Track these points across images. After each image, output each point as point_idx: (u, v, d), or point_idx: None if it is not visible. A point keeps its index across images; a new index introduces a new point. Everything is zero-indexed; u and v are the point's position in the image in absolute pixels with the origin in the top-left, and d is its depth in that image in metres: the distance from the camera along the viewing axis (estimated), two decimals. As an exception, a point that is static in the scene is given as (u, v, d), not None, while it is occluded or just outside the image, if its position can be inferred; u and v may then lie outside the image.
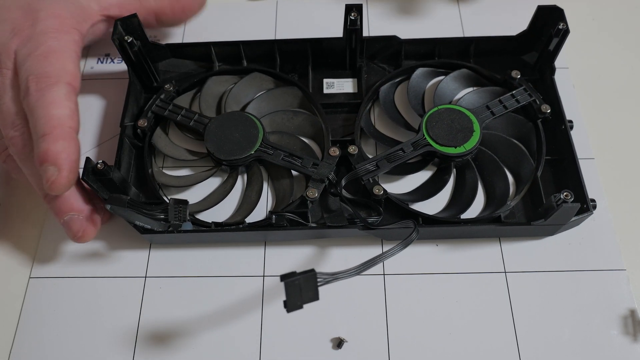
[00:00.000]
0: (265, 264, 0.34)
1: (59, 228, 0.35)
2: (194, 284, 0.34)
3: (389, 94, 0.38)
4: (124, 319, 0.33)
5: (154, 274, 0.34)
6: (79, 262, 0.34)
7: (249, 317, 0.32)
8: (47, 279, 0.34)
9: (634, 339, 0.31)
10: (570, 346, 0.31)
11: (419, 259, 0.34)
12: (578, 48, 0.41)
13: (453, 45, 0.38)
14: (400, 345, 0.31)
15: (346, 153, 0.34)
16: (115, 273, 0.34)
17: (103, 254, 0.35)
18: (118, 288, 0.34)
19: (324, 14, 0.44)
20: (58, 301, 0.33)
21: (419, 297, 0.33)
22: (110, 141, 0.39)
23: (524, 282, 0.33)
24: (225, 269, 0.34)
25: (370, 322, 0.32)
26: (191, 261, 0.34)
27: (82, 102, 0.40)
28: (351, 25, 0.35)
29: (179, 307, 0.33)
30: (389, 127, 0.38)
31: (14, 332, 0.33)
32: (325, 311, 0.32)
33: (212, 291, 0.33)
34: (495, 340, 0.31)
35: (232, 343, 0.32)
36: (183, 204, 0.30)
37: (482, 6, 0.44)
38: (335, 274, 0.27)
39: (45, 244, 0.35)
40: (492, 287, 0.33)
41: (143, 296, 0.33)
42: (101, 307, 0.33)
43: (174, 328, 0.32)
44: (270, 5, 0.45)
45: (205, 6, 0.41)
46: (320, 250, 0.34)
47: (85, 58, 0.43)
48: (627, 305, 0.32)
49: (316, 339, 0.32)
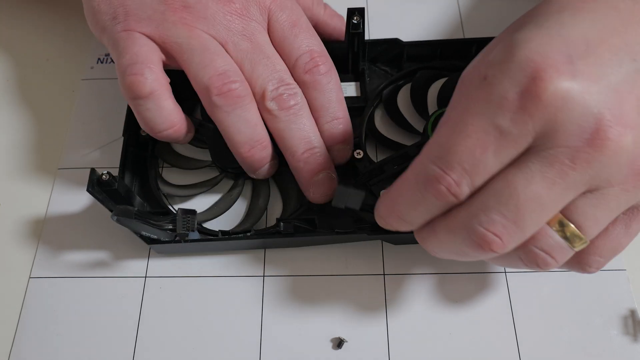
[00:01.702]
0: (265, 264, 0.34)
1: (59, 228, 0.35)
2: (194, 283, 0.33)
3: (392, 97, 0.39)
4: (124, 319, 0.32)
5: (154, 274, 0.34)
6: (79, 262, 0.34)
7: (249, 317, 0.32)
8: (47, 279, 0.34)
9: (634, 339, 0.31)
10: (570, 346, 0.31)
11: (419, 259, 0.34)
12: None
13: (455, 47, 0.39)
14: (400, 345, 0.31)
15: (352, 157, 0.35)
16: (116, 273, 0.34)
17: (104, 256, 0.35)
18: (118, 288, 0.33)
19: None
20: (58, 301, 0.33)
21: (419, 297, 0.33)
22: (112, 143, 0.39)
23: (524, 282, 0.33)
24: (225, 269, 0.34)
25: (370, 322, 0.32)
26: (191, 262, 0.34)
27: (81, 102, 0.40)
28: (353, 29, 0.35)
29: (179, 307, 0.33)
30: (393, 130, 0.38)
31: (14, 332, 0.32)
32: (325, 311, 0.32)
33: (212, 291, 0.33)
34: (495, 340, 0.31)
35: (232, 343, 0.32)
36: (191, 214, 0.30)
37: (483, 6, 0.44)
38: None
39: (45, 244, 0.35)
40: (492, 287, 0.33)
41: (143, 296, 0.33)
42: (101, 307, 0.33)
43: (173, 328, 0.32)
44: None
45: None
46: (320, 250, 0.34)
47: (84, 58, 0.43)
48: (627, 305, 0.32)
49: (316, 339, 0.32)
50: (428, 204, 0.24)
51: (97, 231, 0.35)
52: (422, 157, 0.24)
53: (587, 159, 0.21)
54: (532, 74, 0.21)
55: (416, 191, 0.24)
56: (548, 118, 0.21)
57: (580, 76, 0.21)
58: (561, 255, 0.24)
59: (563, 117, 0.21)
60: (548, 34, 0.22)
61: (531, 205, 0.22)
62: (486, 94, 0.22)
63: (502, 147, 0.22)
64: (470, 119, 0.22)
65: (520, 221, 0.22)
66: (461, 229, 0.24)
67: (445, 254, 0.26)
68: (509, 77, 0.22)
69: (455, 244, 0.25)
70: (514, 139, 0.22)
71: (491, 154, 0.22)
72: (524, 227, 0.23)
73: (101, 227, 0.35)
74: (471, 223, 0.23)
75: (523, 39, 0.22)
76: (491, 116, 0.22)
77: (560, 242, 0.23)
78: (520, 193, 0.22)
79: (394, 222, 0.27)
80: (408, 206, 0.25)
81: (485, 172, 0.23)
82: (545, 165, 0.22)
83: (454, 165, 0.23)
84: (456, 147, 0.23)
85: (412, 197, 0.25)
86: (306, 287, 0.33)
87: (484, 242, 0.23)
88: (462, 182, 0.23)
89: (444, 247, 0.26)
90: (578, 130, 0.21)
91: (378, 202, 0.28)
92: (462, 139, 0.22)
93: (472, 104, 0.23)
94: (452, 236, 0.24)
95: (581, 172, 0.22)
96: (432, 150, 0.24)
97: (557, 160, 0.21)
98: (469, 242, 0.24)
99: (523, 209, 0.22)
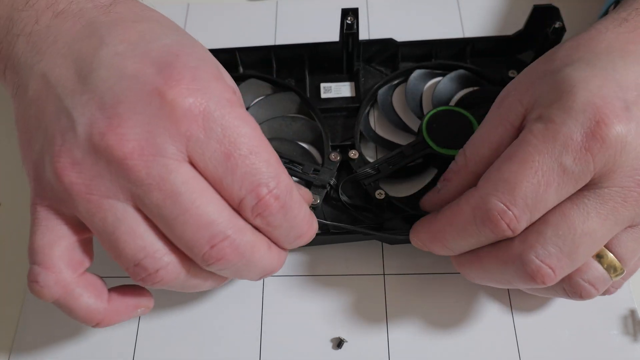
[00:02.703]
0: (265, 265, 0.34)
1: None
2: (194, 285, 0.34)
3: (387, 97, 0.39)
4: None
5: (155, 276, 0.34)
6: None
7: (249, 317, 0.33)
8: (49, 280, 0.34)
9: (634, 339, 0.31)
10: (570, 346, 0.31)
11: (419, 259, 0.34)
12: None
13: (450, 47, 0.39)
14: (400, 345, 0.31)
15: (347, 158, 0.35)
16: (116, 272, 0.34)
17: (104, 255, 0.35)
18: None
19: (325, 14, 0.44)
20: (59, 302, 0.34)
21: (419, 297, 0.33)
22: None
23: (523, 282, 0.33)
24: (225, 271, 0.34)
25: (370, 322, 0.32)
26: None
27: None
28: (347, 29, 0.35)
29: (179, 307, 0.33)
30: (388, 130, 0.38)
31: (14, 332, 0.33)
32: (325, 311, 0.33)
33: (212, 291, 0.33)
34: (495, 340, 0.31)
35: (232, 343, 0.32)
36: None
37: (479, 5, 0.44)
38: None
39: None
40: (492, 287, 0.33)
41: (143, 297, 0.33)
42: (102, 308, 0.33)
43: (173, 328, 0.33)
44: (270, 5, 0.45)
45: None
46: (320, 250, 0.34)
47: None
48: (627, 305, 0.32)
49: (316, 339, 0.32)
50: (481, 237, 0.25)
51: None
52: (482, 191, 0.25)
53: (636, 198, 0.23)
54: (596, 117, 0.23)
55: (471, 224, 0.25)
56: (608, 160, 0.23)
57: (634, 121, 0.23)
58: (603, 285, 0.25)
59: (621, 160, 0.23)
60: (603, 77, 0.24)
61: (586, 240, 0.23)
62: (552, 134, 0.23)
63: (563, 185, 0.23)
64: (536, 156, 0.23)
65: (574, 254, 0.24)
66: (514, 261, 0.24)
67: (485, 281, 0.27)
68: (574, 119, 0.23)
69: (504, 274, 0.25)
70: (576, 178, 0.23)
71: (553, 190, 0.23)
72: (575, 260, 0.24)
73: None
74: (526, 255, 0.24)
75: (579, 78, 0.24)
76: (557, 155, 0.23)
77: (603, 274, 0.25)
78: (577, 228, 0.23)
79: (436, 249, 0.28)
80: (457, 236, 0.26)
81: (545, 208, 0.24)
82: (599, 202, 0.23)
83: (517, 201, 0.24)
84: (521, 184, 0.23)
85: (464, 229, 0.25)
86: (306, 287, 0.33)
87: (537, 274, 0.24)
88: (522, 218, 0.24)
89: (488, 276, 0.26)
90: (632, 172, 0.23)
91: (418, 226, 0.28)
92: (527, 175, 0.23)
93: (538, 144, 0.24)
94: (501, 266, 0.25)
95: (630, 210, 0.23)
96: (494, 184, 0.24)
97: (611, 199, 0.23)
98: (521, 273, 0.24)
99: (578, 243, 0.23)
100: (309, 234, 0.27)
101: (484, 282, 0.27)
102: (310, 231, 0.27)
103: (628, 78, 0.24)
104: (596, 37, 0.26)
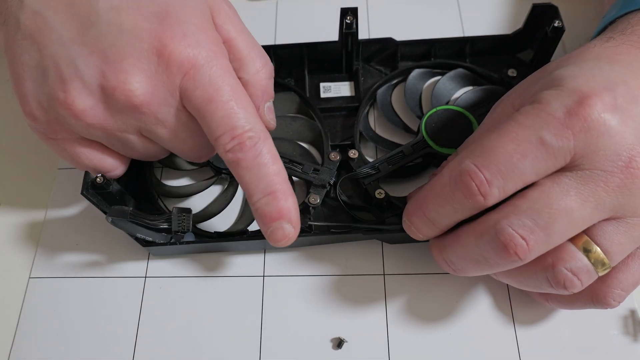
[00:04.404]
0: (265, 264, 0.34)
1: (59, 228, 0.36)
2: (193, 284, 0.34)
3: (386, 97, 0.39)
4: (124, 319, 0.33)
5: (154, 274, 0.34)
6: (79, 262, 0.35)
7: (249, 317, 0.33)
8: (47, 279, 0.34)
9: (634, 339, 0.31)
10: (570, 346, 0.31)
11: (419, 259, 0.34)
12: (575, 45, 0.41)
13: (449, 46, 0.39)
14: (400, 345, 0.31)
15: (346, 157, 0.35)
16: (115, 273, 0.34)
17: (104, 256, 0.35)
18: (118, 288, 0.34)
19: (324, 13, 0.44)
20: (58, 301, 0.34)
21: (419, 297, 0.33)
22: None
23: (523, 281, 0.33)
24: (226, 270, 0.34)
25: (370, 322, 0.32)
26: (191, 262, 0.34)
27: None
28: (347, 28, 0.35)
29: (179, 307, 0.33)
30: (387, 129, 0.38)
31: (14, 332, 0.33)
32: (325, 311, 0.32)
33: (212, 291, 0.33)
34: (495, 339, 0.31)
35: (232, 343, 0.32)
36: (187, 212, 0.31)
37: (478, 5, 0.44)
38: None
39: (45, 244, 0.35)
40: (492, 287, 0.33)
41: (143, 296, 0.33)
42: (101, 307, 0.33)
43: (173, 328, 0.32)
44: (270, 5, 0.45)
45: None
46: (320, 250, 0.34)
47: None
48: (627, 305, 0.31)
49: (316, 339, 0.32)
50: (455, 203, 0.25)
51: (98, 231, 0.35)
52: (460, 155, 0.25)
53: (619, 184, 0.23)
54: (580, 99, 0.23)
55: (446, 186, 0.25)
56: (589, 140, 0.23)
57: (621, 111, 0.23)
58: (586, 278, 0.25)
59: (603, 142, 0.23)
60: (591, 74, 0.25)
61: (562, 217, 0.23)
62: (536, 111, 0.24)
63: (540, 158, 0.23)
64: (517, 129, 0.24)
65: (550, 229, 0.24)
66: (488, 230, 0.25)
67: (464, 263, 0.27)
68: (559, 100, 0.24)
69: (479, 247, 0.25)
70: (554, 153, 0.23)
71: (529, 162, 0.23)
72: (551, 236, 0.24)
73: (101, 227, 0.35)
74: (500, 223, 0.24)
75: (569, 74, 0.25)
76: (537, 129, 0.23)
77: (587, 265, 0.25)
78: (554, 203, 0.23)
79: (419, 222, 0.28)
80: (435, 202, 0.26)
81: (519, 178, 0.24)
82: (580, 183, 0.23)
83: (490, 165, 0.24)
84: (496, 149, 0.24)
85: (441, 193, 0.26)
86: (306, 287, 0.33)
87: (510, 243, 0.24)
88: (493, 183, 0.24)
89: (465, 252, 0.26)
90: (614, 157, 0.23)
91: (408, 199, 0.29)
92: (503, 143, 0.24)
93: (521, 118, 0.24)
94: (477, 239, 0.25)
95: (612, 195, 0.23)
96: (472, 150, 0.25)
97: (592, 180, 0.23)
98: (494, 244, 0.24)
99: (554, 218, 0.23)
100: (280, 201, 0.27)
101: (463, 265, 0.27)
102: (283, 202, 0.27)
103: (615, 76, 0.25)
104: (585, 50, 0.28)
